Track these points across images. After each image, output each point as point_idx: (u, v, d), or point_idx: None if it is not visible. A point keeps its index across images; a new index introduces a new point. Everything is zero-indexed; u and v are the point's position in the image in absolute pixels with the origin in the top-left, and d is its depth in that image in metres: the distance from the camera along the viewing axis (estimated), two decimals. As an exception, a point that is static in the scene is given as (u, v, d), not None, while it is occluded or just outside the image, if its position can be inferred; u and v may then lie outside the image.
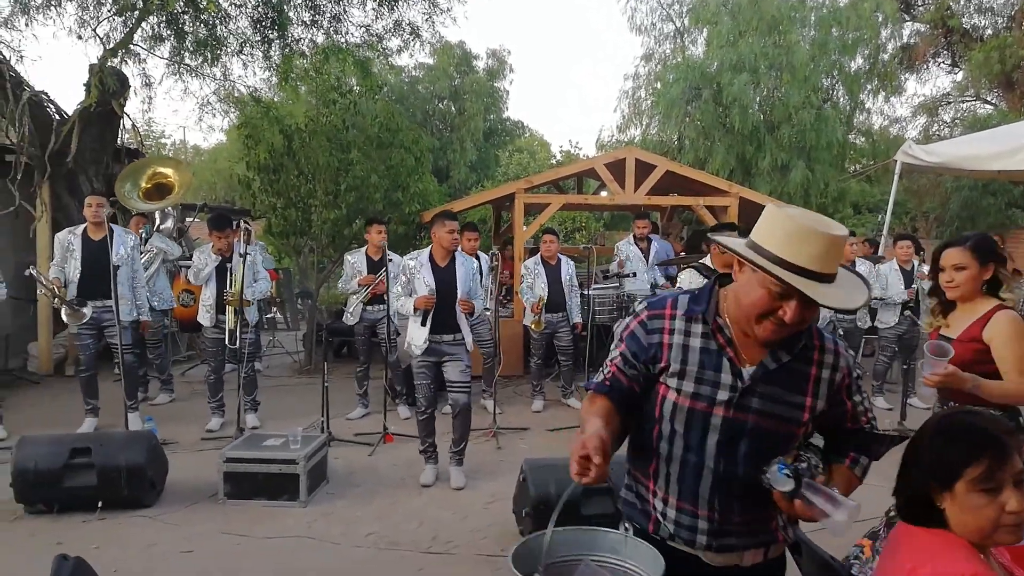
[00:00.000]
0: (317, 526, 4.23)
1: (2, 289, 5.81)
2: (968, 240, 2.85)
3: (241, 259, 5.66)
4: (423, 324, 4.73)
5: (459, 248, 5.17)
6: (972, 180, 12.74)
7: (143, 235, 7.29)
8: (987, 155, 8.79)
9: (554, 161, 25.79)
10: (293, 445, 4.59)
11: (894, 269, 7.13)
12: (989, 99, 17.99)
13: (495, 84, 25.22)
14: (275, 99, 9.10)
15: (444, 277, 4.80)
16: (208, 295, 6.00)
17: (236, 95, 9.06)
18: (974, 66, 15.69)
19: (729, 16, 13.78)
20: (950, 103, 19.11)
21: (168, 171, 8.08)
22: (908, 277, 7.08)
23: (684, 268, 5.27)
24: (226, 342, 5.83)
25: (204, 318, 6.02)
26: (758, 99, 13.50)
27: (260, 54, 8.91)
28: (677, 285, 5.14)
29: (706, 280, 4.75)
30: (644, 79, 15.90)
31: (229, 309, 5.72)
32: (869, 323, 7.30)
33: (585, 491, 3.86)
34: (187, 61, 8.74)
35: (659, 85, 15.03)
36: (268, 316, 10.76)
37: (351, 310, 6.61)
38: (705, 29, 14.77)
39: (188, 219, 10.57)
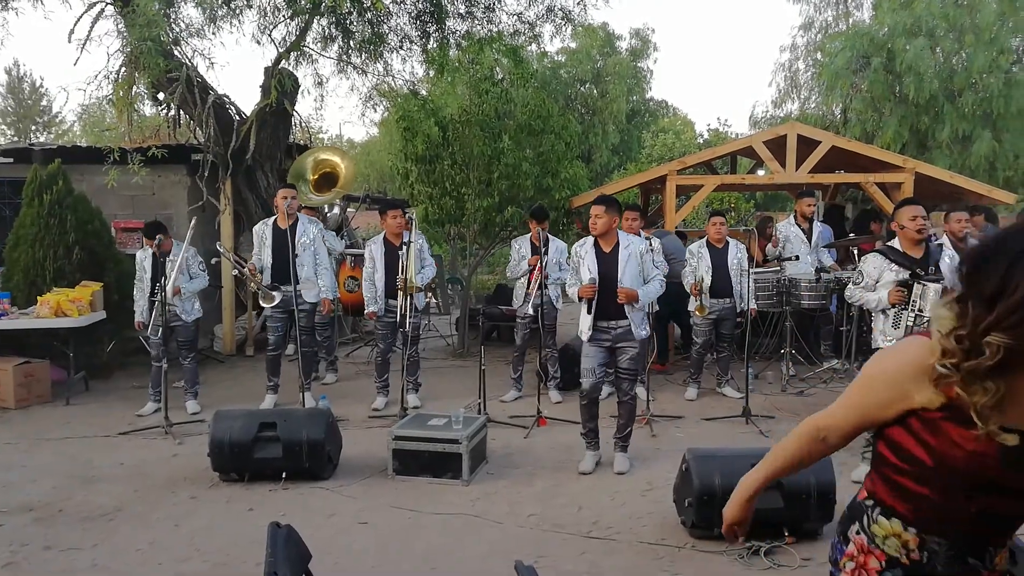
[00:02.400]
0: (480, 504, 4.36)
1: (205, 278, 6.46)
2: None
3: (406, 247, 5.92)
4: (589, 312, 4.72)
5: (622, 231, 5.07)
6: None
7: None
8: None
9: (700, 141, 24.95)
10: (456, 425, 4.75)
11: None
12: None
13: (638, 64, 24.74)
14: (430, 91, 9.39)
15: (608, 263, 4.75)
16: (378, 282, 6.29)
17: (394, 89, 9.44)
18: None
19: (902, -25, 12.71)
20: None
21: (334, 159, 8.59)
22: None
23: (864, 251, 4.91)
24: (397, 325, 6.12)
25: (375, 305, 6.31)
26: (936, 65, 12.35)
27: (419, 48, 9.24)
28: (856, 270, 4.80)
29: (896, 264, 4.43)
30: (802, 50, 15.09)
31: (400, 294, 5.98)
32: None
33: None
34: (352, 59, 9.21)
35: (820, 55, 14.15)
36: (426, 301, 11.22)
37: (520, 295, 6.76)
38: (872, -8, 13.71)
39: (350, 209, 11.18)
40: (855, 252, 7.54)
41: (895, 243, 4.57)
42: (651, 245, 6.16)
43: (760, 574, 3.49)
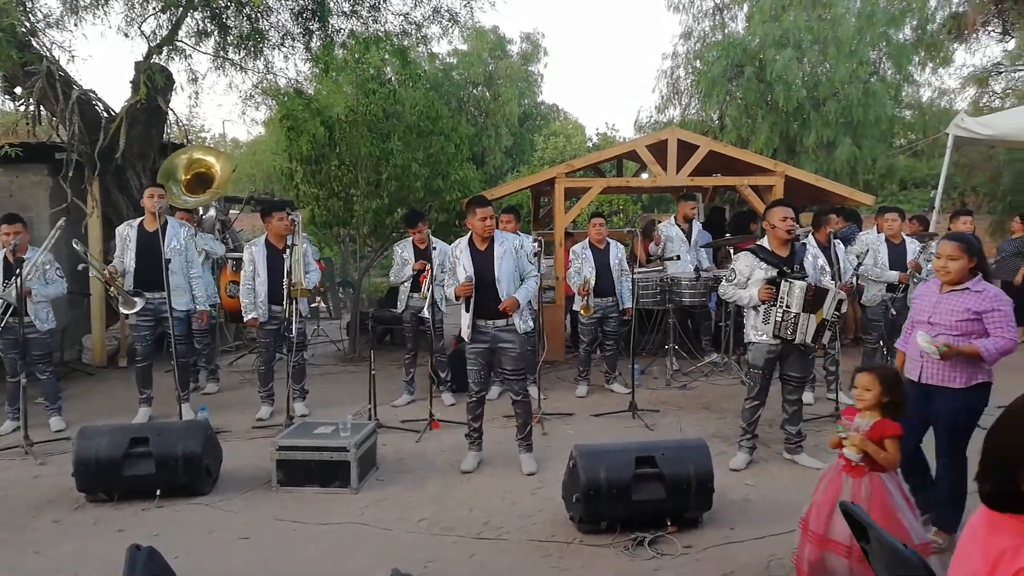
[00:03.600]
0: (370, 512, 4.28)
1: (63, 285, 5.99)
2: None
3: (290, 250, 5.73)
4: (467, 311, 4.73)
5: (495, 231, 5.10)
6: (1027, 152, 12.28)
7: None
8: (1045, 126, 8.47)
9: (590, 144, 25.58)
10: (343, 432, 4.64)
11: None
12: (1044, 68, 17.27)
13: (529, 68, 25.13)
14: (316, 90, 9.15)
15: (482, 261, 4.78)
16: (259, 287, 6.05)
17: (277, 87, 9.13)
18: (1028, 33, 15.08)
19: (771, -10, 13.47)
20: (1001, 73, 18.41)
21: (209, 159, 8.17)
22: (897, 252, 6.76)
23: (737, 251, 5.15)
24: (282, 332, 5.90)
25: (255, 311, 6.08)
26: (802, 75, 13.18)
27: (301, 46, 8.97)
28: (730, 268, 5.03)
29: (764, 263, 4.68)
30: (683, 58, 15.70)
31: (285, 299, 5.76)
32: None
33: (636, 476, 3.85)
34: (231, 56, 8.83)
35: (699, 64, 14.79)
36: (312, 305, 10.92)
37: (404, 299, 6.70)
38: (745, 5, 14.47)
39: (232, 211, 10.73)
40: (731, 252, 7.93)
41: (764, 242, 4.83)
42: (523, 243, 6.26)
43: (644, 564, 3.59)
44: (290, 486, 4.55)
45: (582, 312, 6.80)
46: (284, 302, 5.79)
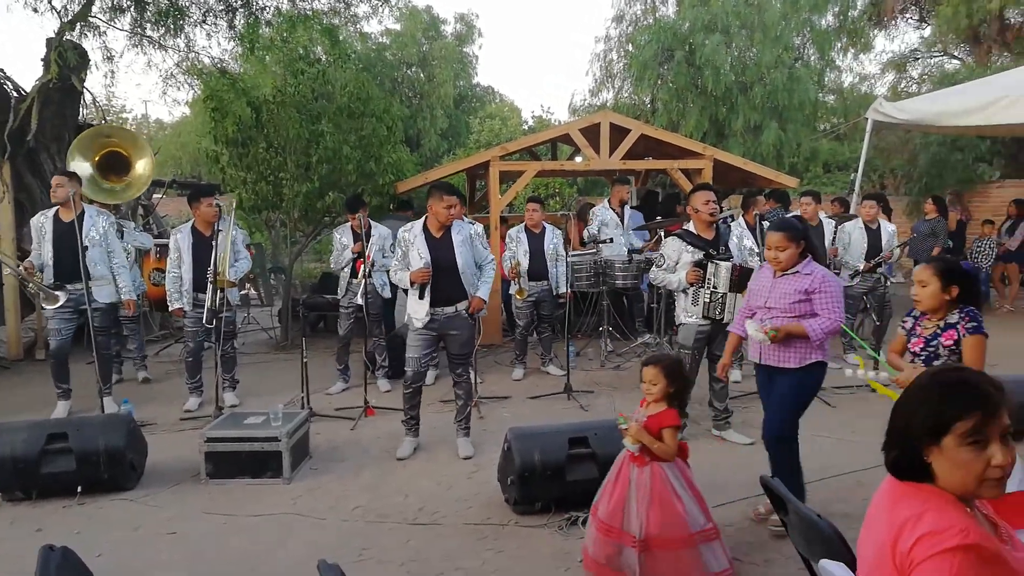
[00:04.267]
0: (302, 502, 4.22)
1: None
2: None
3: (216, 236, 5.55)
4: (421, 297, 4.67)
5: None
6: (940, 136, 12.86)
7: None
8: (957, 111, 8.88)
9: (526, 127, 25.56)
10: (274, 422, 4.55)
11: (859, 228, 7.12)
12: (956, 54, 18.12)
13: (464, 49, 24.85)
14: (241, 70, 8.85)
15: (440, 248, 4.72)
16: (185, 275, 5.86)
17: (200, 67, 8.80)
18: (942, 21, 15.76)
19: (699, -26, 13.66)
20: (918, 59, 19.24)
21: (115, 139, 7.72)
22: (874, 236, 7.08)
23: (671, 233, 5.24)
24: (204, 322, 5.73)
25: (180, 300, 5.89)
26: (730, 59, 13.44)
27: (224, 24, 8.65)
28: (659, 253, 5.11)
29: (691, 246, 4.78)
30: (616, 41, 15.80)
31: (209, 287, 5.59)
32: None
33: (569, 457, 3.91)
34: (148, 33, 8.46)
35: (631, 47, 14.91)
36: (242, 293, 10.64)
37: (344, 285, 6.57)
38: (676, -12, 14.63)
39: (156, 195, 10.35)
40: (662, 234, 8.09)
41: (690, 226, 4.93)
42: (476, 232, 6.24)
43: (578, 542, 3.64)
44: (220, 478, 4.45)
45: (517, 296, 6.83)
46: (208, 292, 5.62)
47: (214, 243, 5.62)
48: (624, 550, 3.07)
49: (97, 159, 7.43)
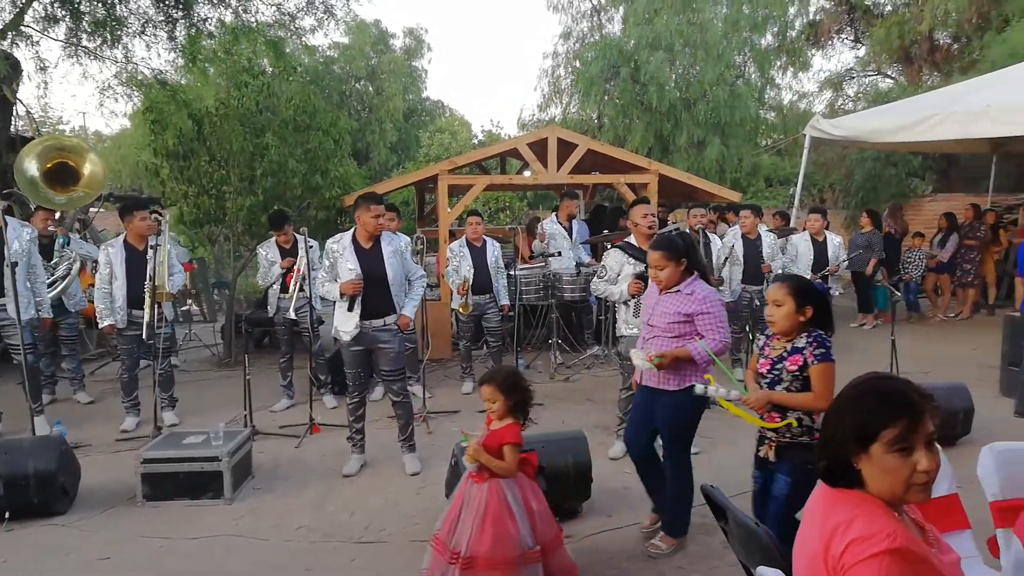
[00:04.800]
0: (244, 523, 4.12)
1: None
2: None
3: (153, 251, 5.39)
4: (350, 310, 4.61)
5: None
6: (875, 152, 13.35)
7: (58, 239, 6.86)
8: (890, 128, 9.24)
9: (476, 141, 25.63)
10: (215, 441, 4.44)
11: (805, 240, 7.38)
12: (890, 73, 18.86)
13: (413, 63, 24.85)
14: (182, 82, 8.66)
15: (370, 260, 4.67)
16: (117, 291, 5.68)
17: (140, 78, 8.59)
18: (875, 41, 16.40)
19: (644, -7, 13.97)
20: (854, 78, 19.96)
21: (74, 150, 7.49)
22: (820, 249, 7.32)
23: (608, 248, 5.31)
24: (143, 338, 5.55)
25: (111, 317, 5.70)
26: (674, 77, 13.76)
27: (164, 35, 8.47)
28: (600, 265, 5.17)
29: (633, 259, 4.85)
30: (563, 57, 16.02)
31: (147, 303, 5.42)
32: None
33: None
34: (85, 43, 8.22)
35: (578, 64, 15.13)
36: (183, 308, 10.37)
37: (275, 302, 6.46)
38: (621, 7, 14.91)
39: (92, 209, 10.02)
40: (607, 247, 8.19)
41: (632, 239, 5.00)
42: (405, 244, 6.23)
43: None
44: (157, 500, 4.31)
45: (460, 310, 6.82)
46: (145, 306, 5.45)
47: (148, 257, 5.46)
48: (448, 568, 2.99)
49: (48, 167, 7.18)
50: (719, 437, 5.28)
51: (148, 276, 5.38)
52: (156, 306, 5.38)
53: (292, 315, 5.83)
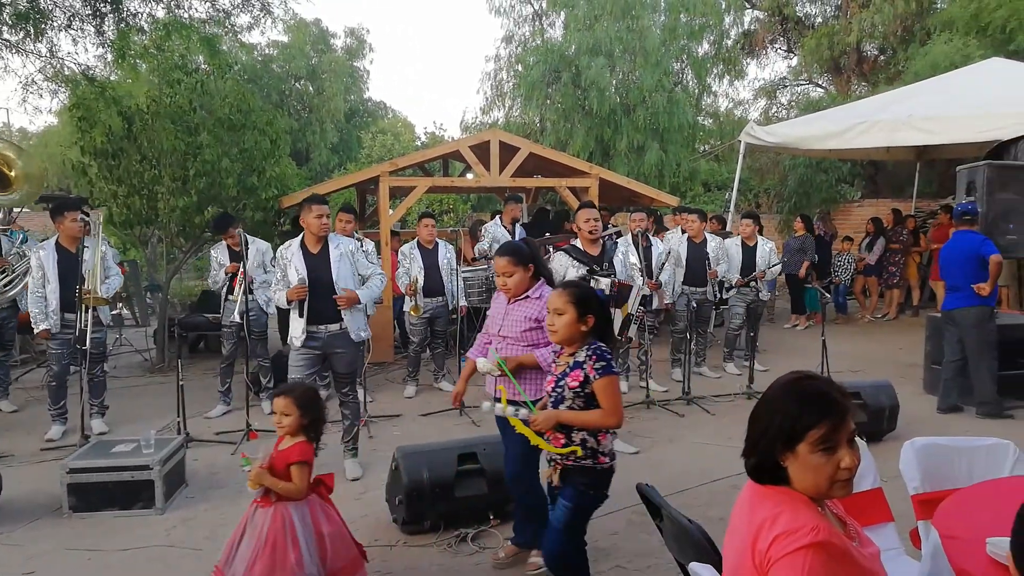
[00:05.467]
0: (176, 533, 4.00)
1: None
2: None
3: (82, 252, 5.21)
4: (300, 315, 4.54)
5: (331, 232, 4.97)
6: (807, 158, 13.81)
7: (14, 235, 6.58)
8: (819, 135, 9.58)
9: (419, 143, 25.52)
10: (146, 449, 4.30)
11: (736, 245, 7.59)
12: (820, 83, 19.53)
13: (355, 64, 24.59)
14: (112, 78, 8.36)
15: (317, 264, 4.60)
16: (51, 295, 5.45)
17: (66, 74, 8.25)
18: (807, 52, 16.95)
19: (585, 0, 14.12)
20: (786, 86, 20.59)
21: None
22: (749, 253, 7.54)
23: (554, 251, 5.36)
24: (75, 343, 5.34)
25: (46, 322, 5.47)
26: (614, 82, 13.95)
27: (92, 29, 8.15)
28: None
29: (577, 261, 4.90)
30: (505, 61, 16.08)
31: (80, 307, 5.22)
32: (719, 296, 7.64)
33: (459, 473, 3.90)
34: (6, 36, 7.86)
35: (520, 67, 15.20)
36: (114, 312, 10.01)
37: (228, 307, 6.33)
38: (563, 12, 15.05)
39: (16, 209, 9.59)
40: (551, 250, 8.25)
41: (577, 242, 5.08)
42: (362, 245, 6.17)
43: (466, 559, 3.64)
44: (84, 511, 4.15)
45: (411, 313, 6.78)
46: (78, 310, 5.26)
47: (80, 259, 5.27)
48: None
49: None
50: (658, 436, 5.38)
51: (80, 279, 5.20)
52: (92, 310, 5.19)
53: (237, 318, 5.71)
